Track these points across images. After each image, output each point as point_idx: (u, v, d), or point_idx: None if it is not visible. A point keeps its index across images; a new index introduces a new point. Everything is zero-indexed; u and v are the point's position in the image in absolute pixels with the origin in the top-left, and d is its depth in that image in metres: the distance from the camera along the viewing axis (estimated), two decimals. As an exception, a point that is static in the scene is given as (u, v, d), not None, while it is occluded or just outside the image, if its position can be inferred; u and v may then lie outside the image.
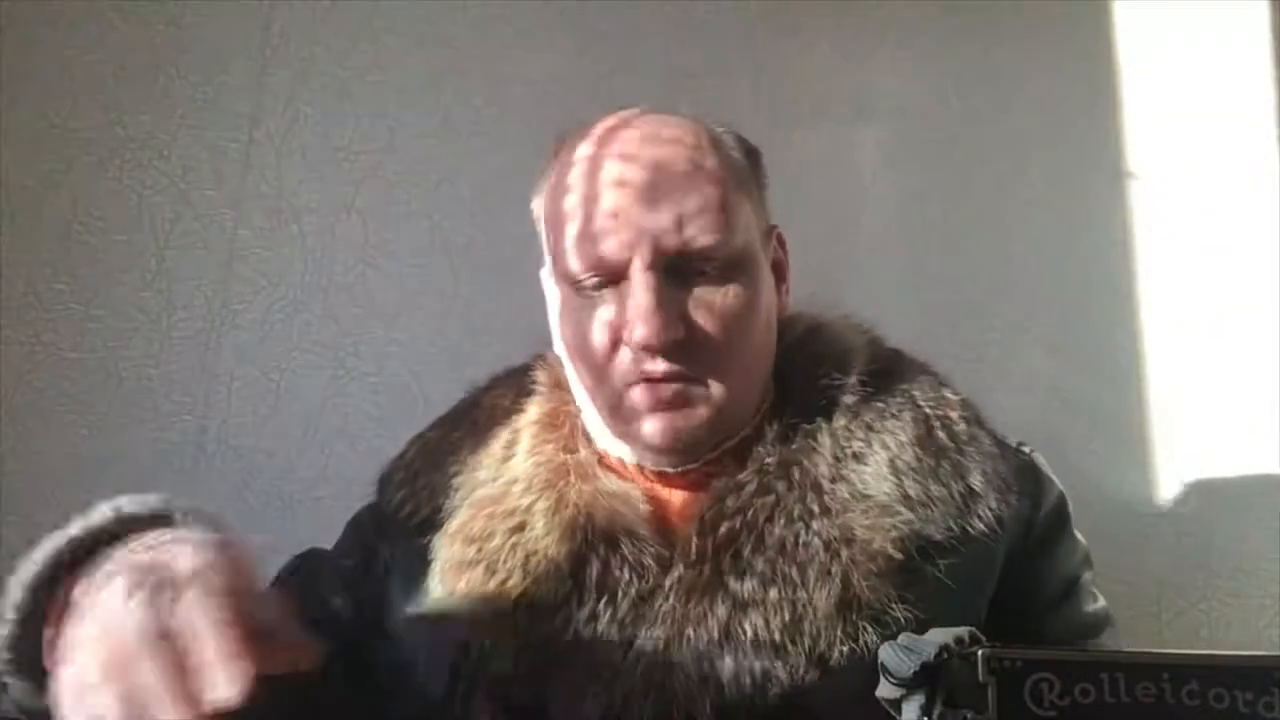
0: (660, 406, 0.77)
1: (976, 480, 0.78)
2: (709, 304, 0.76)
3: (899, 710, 0.45)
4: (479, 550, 0.78)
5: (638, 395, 0.77)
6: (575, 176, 0.80)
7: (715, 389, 0.77)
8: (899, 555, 0.73)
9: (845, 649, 0.71)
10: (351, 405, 1.37)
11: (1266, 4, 1.45)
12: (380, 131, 1.45)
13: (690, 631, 0.72)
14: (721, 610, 0.72)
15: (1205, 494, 1.34)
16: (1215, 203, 1.41)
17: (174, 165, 1.42)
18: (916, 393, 0.83)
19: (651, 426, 0.77)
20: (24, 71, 1.43)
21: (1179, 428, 1.35)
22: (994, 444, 0.82)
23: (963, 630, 0.45)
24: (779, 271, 0.86)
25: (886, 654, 0.45)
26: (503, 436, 0.86)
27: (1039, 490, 0.84)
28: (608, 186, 0.77)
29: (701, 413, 0.77)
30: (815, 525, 0.74)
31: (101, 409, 1.36)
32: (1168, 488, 1.34)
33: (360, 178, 1.43)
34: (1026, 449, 0.87)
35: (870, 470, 0.77)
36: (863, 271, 1.42)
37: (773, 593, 0.72)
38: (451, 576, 0.79)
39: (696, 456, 0.80)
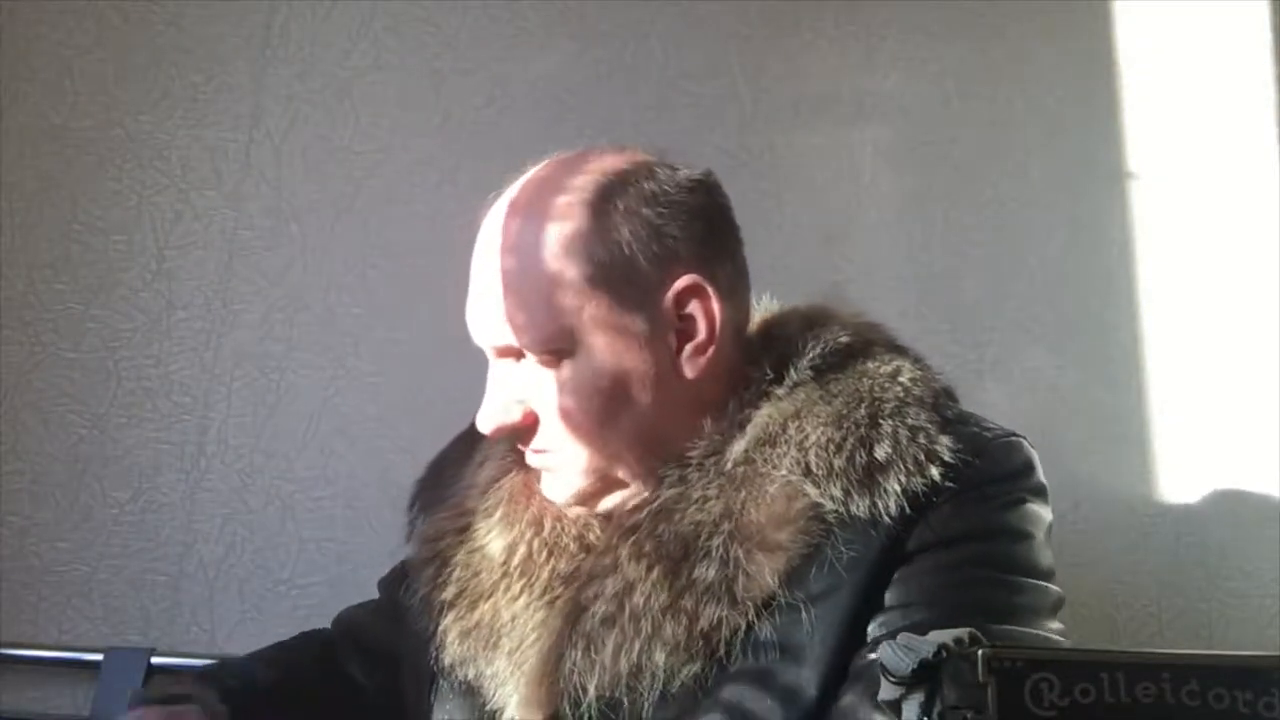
0: (538, 473, 0.81)
1: (881, 452, 0.71)
2: (542, 385, 0.77)
3: (899, 712, 0.45)
4: (432, 549, 0.84)
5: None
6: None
7: (573, 455, 0.78)
8: (788, 533, 0.71)
9: (728, 629, 0.70)
10: (351, 405, 1.37)
11: (1266, 4, 1.45)
12: (380, 131, 1.45)
13: (585, 614, 0.73)
14: (609, 591, 0.73)
15: (1205, 494, 1.34)
16: (1215, 203, 1.41)
17: (174, 165, 1.42)
18: (865, 372, 0.77)
19: (543, 487, 0.81)
20: (24, 71, 1.43)
21: (1179, 428, 1.35)
22: (933, 422, 0.74)
23: (962, 630, 0.45)
24: (685, 334, 0.78)
25: (885, 653, 0.45)
26: (483, 447, 0.88)
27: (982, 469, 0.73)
28: (471, 273, 0.81)
29: (571, 478, 0.79)
30: (708, 506, 0.74)
31: (101, 409, 1.36)
32: (1168, 488, 1.34)
33: (360, 178, 1.43)
34: (1019, 438, 0.77)
35: (779, 451, 0.74)
36: (863, 271, 1.42)
37: (656, 571, 0.72)
38: (414, 574, 0.85)
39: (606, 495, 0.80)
